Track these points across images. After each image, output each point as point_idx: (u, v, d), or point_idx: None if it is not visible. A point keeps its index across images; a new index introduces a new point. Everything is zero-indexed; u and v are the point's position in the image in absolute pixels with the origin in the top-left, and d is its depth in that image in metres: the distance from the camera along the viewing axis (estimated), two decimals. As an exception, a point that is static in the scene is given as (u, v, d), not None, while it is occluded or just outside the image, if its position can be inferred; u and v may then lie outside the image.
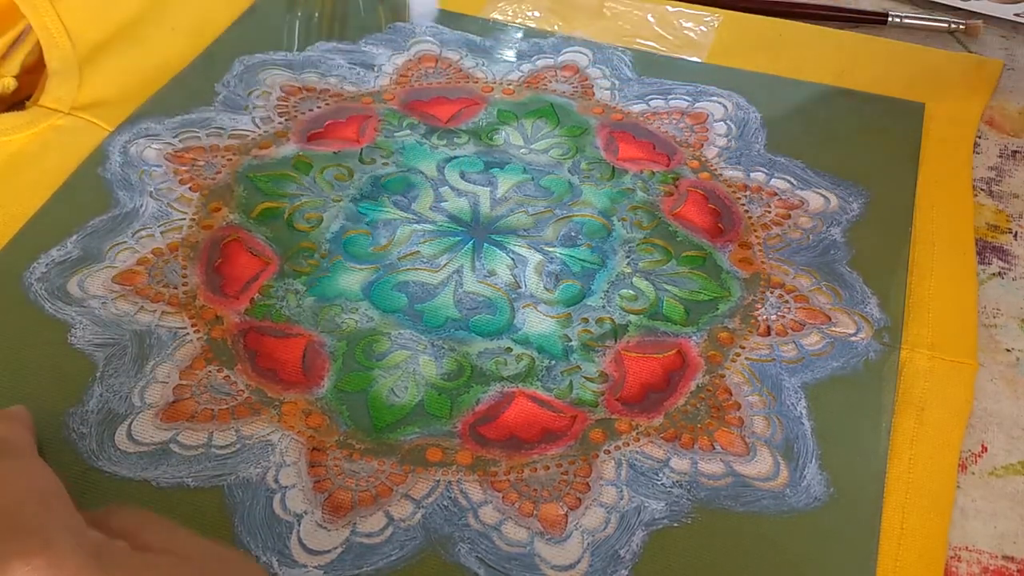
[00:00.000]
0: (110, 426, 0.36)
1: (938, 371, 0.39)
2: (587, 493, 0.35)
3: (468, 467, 0.36)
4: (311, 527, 0.34)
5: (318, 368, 0.39)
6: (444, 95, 0.52)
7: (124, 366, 0.38)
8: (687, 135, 0.49)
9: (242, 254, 0.43)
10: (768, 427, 0.37)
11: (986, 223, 0.46)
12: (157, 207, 0.45)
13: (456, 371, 0.39)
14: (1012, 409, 0.39)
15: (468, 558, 0.33)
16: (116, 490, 0.34)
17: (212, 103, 0.50)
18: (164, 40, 0.54)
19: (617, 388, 0.38)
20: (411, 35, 0.55)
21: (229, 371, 0.38)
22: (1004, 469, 0.37)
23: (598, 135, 0.49)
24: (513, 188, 0.47)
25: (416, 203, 0.46)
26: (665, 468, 0.36)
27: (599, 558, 0.33)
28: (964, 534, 0.35)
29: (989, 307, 0.43)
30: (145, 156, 0.47)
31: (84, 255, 0.42)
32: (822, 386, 0.39)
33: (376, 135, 0.49)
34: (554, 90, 0.52)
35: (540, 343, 0.40)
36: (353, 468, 0.35)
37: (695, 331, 0.40)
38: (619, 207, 0.46)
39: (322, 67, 0.53)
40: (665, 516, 0.34)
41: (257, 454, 0.36)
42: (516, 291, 0.42)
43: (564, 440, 0.37)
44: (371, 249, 0.44)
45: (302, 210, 0.45)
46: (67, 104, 0.49)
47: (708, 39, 0.56)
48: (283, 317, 0.41)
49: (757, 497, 0.35)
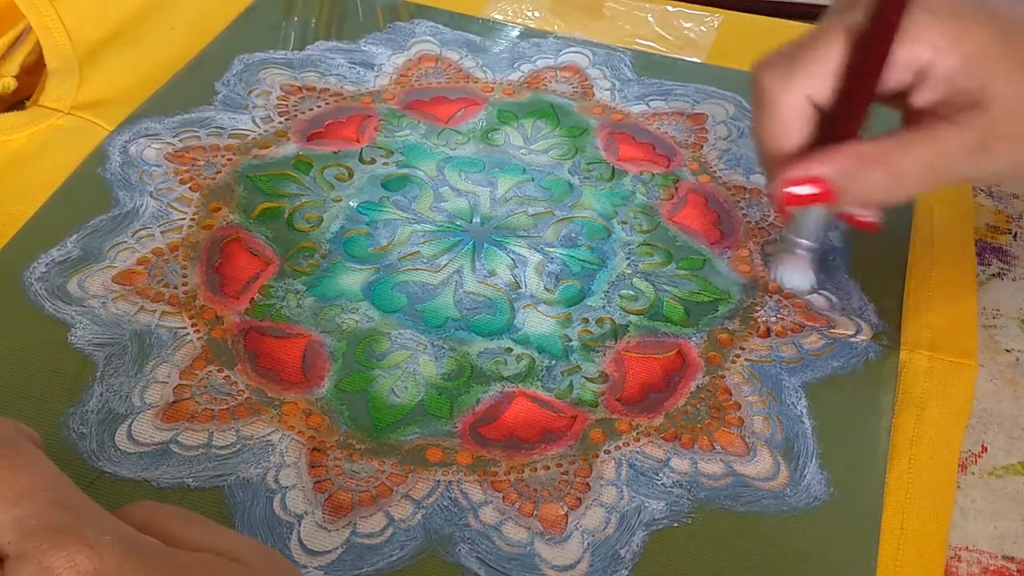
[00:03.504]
0: (110, 426, 0.36)
1: (938, 371, 0.39)
2: (587, 493, 0.35)
3: (468, 467, 0.36)
4: (311, 527, 0.34)
5: (318, 368, 0.39)
6: (444, 95, 0.52)
7: (124, 366, 0.38)
8: (687, 136, 0.49)
9: (242, 254, 0.43)
10: (768, 427, 0.37)
11: (986, 223, 0.46)
12: (157, 207, 0.45)
13: (456, 371, 0.39)
14: (1012, 409, 0.39)
15: (468, 558, 0.33)
16: (116, 490, 0.34)
17: (212, 102, 0.50)
18: (163, 39, 0.54)
19: (617, 388, 0.38)
20: (411, 35, 0.55)
21: (229, 371, 0.38)
22: (1004, 469, 0.37)
23: (598, 136, 0.49)
24: (513, 188, 0.47)
25: (416, 203, 0.46)
26: (665, 468, 0.36)
27: (599, 558, 0.33)
28: (964, 534, 0.35)
29: (989, 307, 0.43)
30: (145, 156, 0.47)
31: (84, 255, 0.42)
32: (822, 386, 0.39)
33: (376, 135, 0.49)
34: (554, 90, 0.52)
35: (540, 343, 0.40)
36: (353, 468, 0.35)
37: (695, 332, 0.40)
38: (619, 211, 0.46)
39: (322, 66, 0.53)
40: (665, 516, 0.34)
41: (257, 454, 0.36)
42: (516, 291, 0.42)
43: (564, 440, 0.37)
44: (371, 249, 0.44)
45: (302, 210, 0.45)
46: (67, 104, 0.49)
47: (708, 39, 0.56)
48: (283, 317, 0.41)
49: (757, 497, 0.35)
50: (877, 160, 0.35)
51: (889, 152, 0.35)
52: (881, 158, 0.35)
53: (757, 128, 0.37)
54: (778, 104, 0.36)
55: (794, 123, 0.36)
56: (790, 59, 0.36)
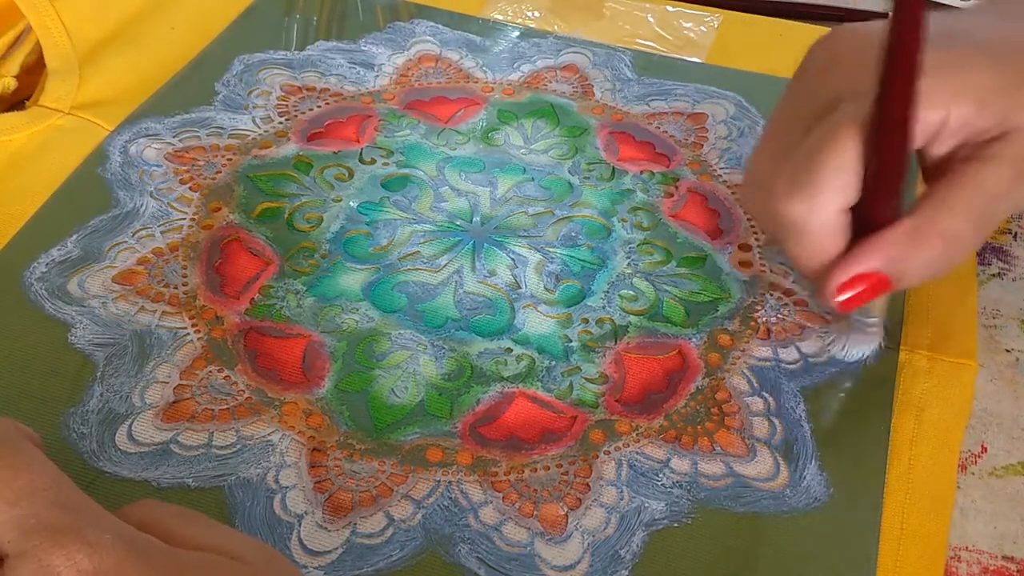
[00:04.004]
0: (110, 426, 0.36)
1: (938, 372, 0.39)
2: (587, 493, 0.35)
3: (468, 467, 0.36)
4: (311, 528, 0.34)
5: (318, 368, 0.39)
6: (444, 95, 0.52)
7: (124, 366, 0.38)
8: (687, 136, 0.49)
9: (242, 254, 0.43)
10: (768, 429, 0.37)
11: (986, 224, 0.46)
12: (157, 207, 0.45)
13: (456, 371, 0.39)
14: (1012, 409, 0.39)
15: (468, 558, 0.33)
16: (116, 490, 0.34)
17: (212, 102, 0.50)
18: (163, 39, 0.54)
19: (617, 389, 0.38)
20: (411, 35, 0.55)
21: (229, 371, 0.38)
22: (1004, 469, 0.37)
23: (598, 136, 0.49)
24: (513, 188, 0.47)
25: (416, 203, 0.46)
26: (665, 469, 0.36)
27: (599, 558, 0.33)
28: (964, 534, 0.35)
29: (989, 307, 0.43)
30: (145, 156, 0.47)
31: (84, 255, 0.42)
32: (822, 388, 0.39)
33: (376, 135, 0.49)
34: (554, 90, 0.52)
35: (540, 343, 0.40)
36: (353, 468, 0.36)
37: (695, 333, 0.40)
38: (619, 208, 0.46)
39: (322, 66, 0.53)
40: (665, 516, 0.34)
41: (257, 454, 0.36)
42: (516, 291, 0.42)
43: (564, 441, 0.37)
44: (371, 249, 0.44)
45: (302, 210, 0.45)
46: (67, 104, 0.49)
47: (708, 39, 0.56)
48: (283, 317, 0.41)
49: (757, 498, 0.35)
50: (924, 234, 0.33)
51: (933, 221, 0.33)
52: (927, 230, 0.33)
53: (794, 254, 0.35)
54: (810, 230, 0.34)
55: (830, 240, 0.34)
56: (809, 177, 0.33)
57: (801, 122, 0.35)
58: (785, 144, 0.35)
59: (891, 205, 0.34)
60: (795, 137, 0.34)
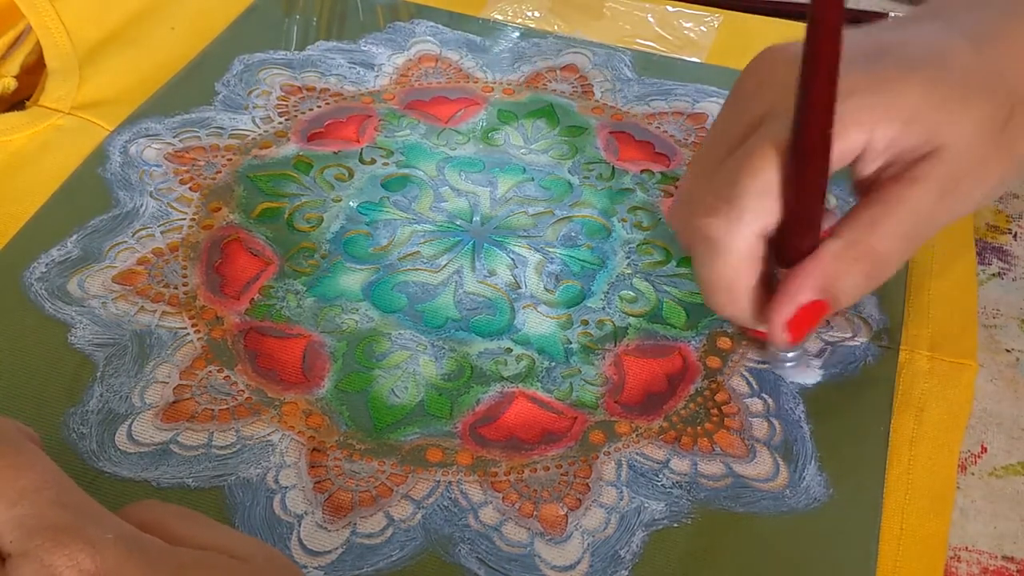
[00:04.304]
0: (110, 426, 0.36)
1: (938, 372, 0.39)
2: (587, 494, 0.35)
3: (468, 467, 0.36)
4: (311, 528, 0.34)
5: (318, 368, 0.39)
6: (444, 95, 0.52)
7: (124, 366, 0.38)
8: (687, 136, 0.49)
9: (242, 254, 0.43)
10: (767, 429, 0.37)
11: (986, 223, 0.46)
12: (157, 207, 0.45)
13: (456, 371, 0.39)
14: (1012, 409, 0.39)
15: (468, 559, 0.33)
16: (116, 490, 0.34)
17: (212, 102, 0.50)
18: (163, 39, 0.54)
19: (617, 391, 0.38)
20: (411, 35, 0.55)
21: (229, 371, 0.38)
22: (1004, 469, 0.37)
23: (598, 135, 0.49)
24: (513, 188, 0.47)
25: (416, 203, 0.46)
26: (665, 469, 0.36)
27: (599, 558, 0.33)
28: (964, 534, 0.35)
29: (989, 307, 0.43)
30: (145, 156, 0.47)
31: (84, 255, 0.42)
32: (821, 389, 0.39)
33: (376, 135, 0.49)
34: (554, 90, 0.52)
35: (540, 344, 0.40)
36: (353, 468, 0.36)
37: (694, 336, 0.40)
38: (619, 208, 0.46)
39: (322, 66, 0.53)
40: (665, 517, 0.35)
41: (257, 454, 0.36)
42: (516, 291, 0.42)
43: (564, 441, 0.37)
44: (371, 249, 0.44)
45: (302, 210, 0.45)
46: (67, 104, 0.49)
47: (708, 39, 0.56)
48: (283, 317, 0.41)
49: (757, 498, 0.35)
50: (854, 256, 0.33)
51: (861, 243, 0.33)
52: (856, 252, 0.33)
53: (705, 278, 0.34)
54: (728, 250, 0.33)
55: (744, 265, 0.33)
56: (729, 200, 0.33)
57: (729, 141, 0.34)
58: (712, 162, 0.35)
59: (814, 230, 0.33)
60: (722, 155, 0.34)
